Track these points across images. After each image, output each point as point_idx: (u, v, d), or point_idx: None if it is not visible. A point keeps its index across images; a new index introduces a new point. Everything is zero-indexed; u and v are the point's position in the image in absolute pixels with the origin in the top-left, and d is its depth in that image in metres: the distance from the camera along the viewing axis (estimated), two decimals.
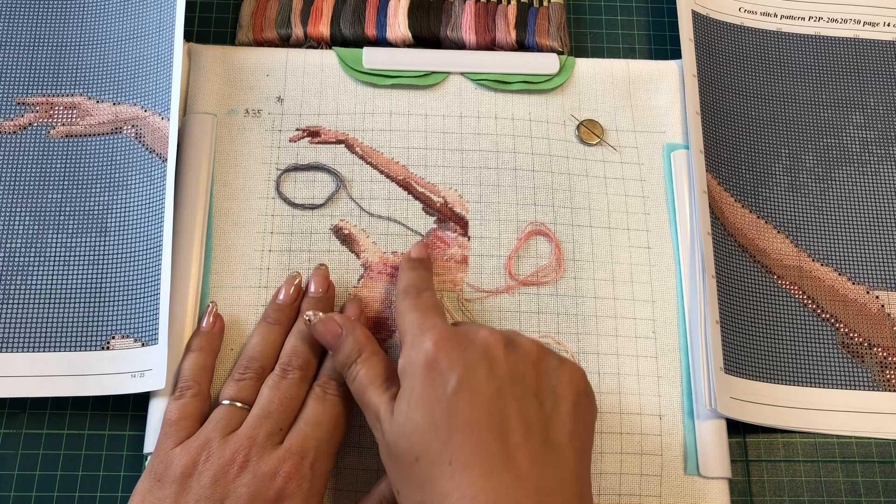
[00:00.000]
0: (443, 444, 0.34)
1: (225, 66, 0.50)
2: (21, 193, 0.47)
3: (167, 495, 0.37)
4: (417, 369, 0.36)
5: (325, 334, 0.40)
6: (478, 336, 0.37)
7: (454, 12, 0.52)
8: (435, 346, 0.36)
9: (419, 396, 0.35)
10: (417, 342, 0.37)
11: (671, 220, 0.49)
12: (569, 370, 0.38)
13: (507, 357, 0.37)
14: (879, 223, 0.51)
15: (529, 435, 0.35)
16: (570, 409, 0.36)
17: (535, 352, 0.38)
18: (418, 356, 0.37)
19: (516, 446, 0.34)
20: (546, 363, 0.38)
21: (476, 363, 0.36)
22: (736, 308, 0.47)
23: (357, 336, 0.40)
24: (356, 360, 0.39)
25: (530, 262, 0.47)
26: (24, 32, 0.50)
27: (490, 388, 0.35)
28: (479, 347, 0.37)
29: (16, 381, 0.43)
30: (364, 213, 0.47)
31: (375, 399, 0.38)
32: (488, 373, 0.36)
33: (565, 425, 0.36)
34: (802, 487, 0.45)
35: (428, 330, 0.37)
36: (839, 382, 0.47)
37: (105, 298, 0.45)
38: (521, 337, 0.39)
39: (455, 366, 0.36)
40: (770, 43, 0.55)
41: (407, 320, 0.39)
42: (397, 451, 0.36)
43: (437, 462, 0.34)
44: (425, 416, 0.35)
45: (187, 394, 0.41)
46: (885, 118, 0.53)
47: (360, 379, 0.39)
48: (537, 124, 0.50)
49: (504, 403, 0.35)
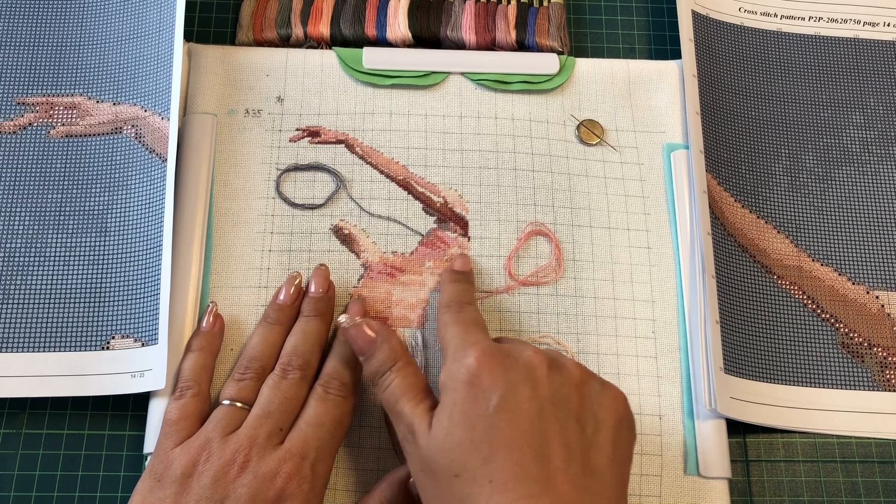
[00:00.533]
0: (483, 463, 0.34)
1: (225, 66, 0.50)
2: (21, 193, 0.47)
3: (167, 495, 0.37)
4: (459, 385, 0.36)
5: (359, 340, 0.40)
6: (522, 355, 0.37)
7: (454, 12, 0.52)
8: (478, 362, 0.36)
9: (462, 412, 0.35)
10: (460, 357, 0.37)
11: (671, 220, 0.49)
12: (611, 395, 0.37)
13: (550, 378, 0.36)
14: (879, 223, 0.51)
15: (570, 459, 0.34)
16: (611, 435, 0.36)
17: (579, 375, 0.37)
18: (460, 371, 0.36)
19: (557, 470, 0.34)
20: (589, 387, 0.37)
21: (519, 382, 0.36)
22: (736, 308, 0.47)
23: (393, 344, 0.39)
24: (391, 369, 0.39)
25: (530, 262, 0.47)
26: (24, 32, 0.50)
27: (532, 409, 0.35)
28: (522, 367, 0.36)
29: (16, 381, 0.43)
30: (364, 213, 0.47)
31: (409, 410, 0.37)
32: (531, 393, 0.35)
33: (606, 451, 0.35)
34: (802, 487, 0.45)
35: (471, 345, 0.37)
36: (839, 382, 0.47)
37: (105, 298, 0.45)
38: (564, 359, 0.38)
39: (498, 384, 0.35)
40: (770, 43, 0.55)
41: (450, 333, 0.39)
42: (435, 466, 0.35)
43: (476, 480, 0.34)
44: (466, 432, 0.34)
45: (187, 394, 0.41)
46: (885, 118, 0.53)
47: (394, 389, 0.38)
48: (537, 124, 0.50)
49: (546, 425, 0.35)
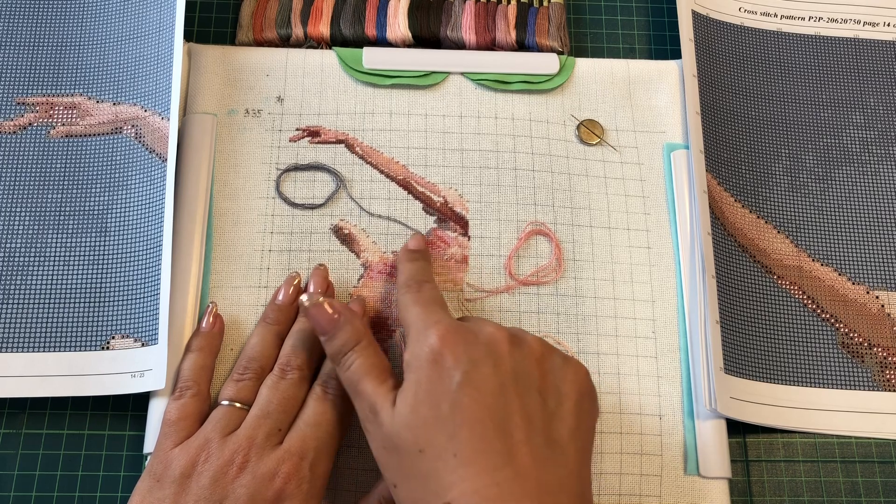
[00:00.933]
0: (448, 438, 0.34)
1: (225, 66, 0.50)
2: (21, 193, 0.47)
3: (166, 496, 0.37)
4: (423, 363, 0.36)
5: (321, 320, 0.39)
6: (483, 332, 0.37)
7: (454, 12, 0.52)
8: (441, 340, 0.36)
9: (426, 390, 0.36)
10: (422, 337, 0.37)
11: (671, 220, 0.48)
12: (573, 369, 0.38)
13: (511, 354, 0.37)
14: (879, 223, 0.50)
15: (532, 432, 0.35)
16: (573, 408, 0.37)
17: (540, 349, 0.38)
18: (423, 350, 0.37)
19: (519, 443, 0.34)
20: (550, 361, 0.38)
21: (481, 359, 0.36)
22: (736, 308, 0.47)
23: (355, 325, 0.39)
24: (353, 349, 0.39)
25: (530, 261, 0.47)
26: (24, 32, 0.50)
27: (494, 384, 0.36)
28: (484, 343, 0.37)
29: (16, 381, 0.43)
30: (364, 213, 0.47)
31: (371, 389, 0.37)
32: (493, 369, 0.36)
33: (567, 424, 0.36)
34: (802, 487, 0.45)
35: (433, 325, 0.37)
36: (839, 382, 0.47)
37: (105, 298, 0.45)
38: (526, 334, 0.39)
39: (460, 361, 0.36)
40: (770, 43, 0.55)
41: (411, 314, 0.39)
42: (399, 442, 0.35)
43: (441, 455, 0.34)
44: (431, 409, 0.35)
45: (187, 394, 0.41)
46: (885, 118, 0.53)
47: (356, 369, 0.38)
48: (537, 124, 0.50)
49: (508, 400, 0.35)
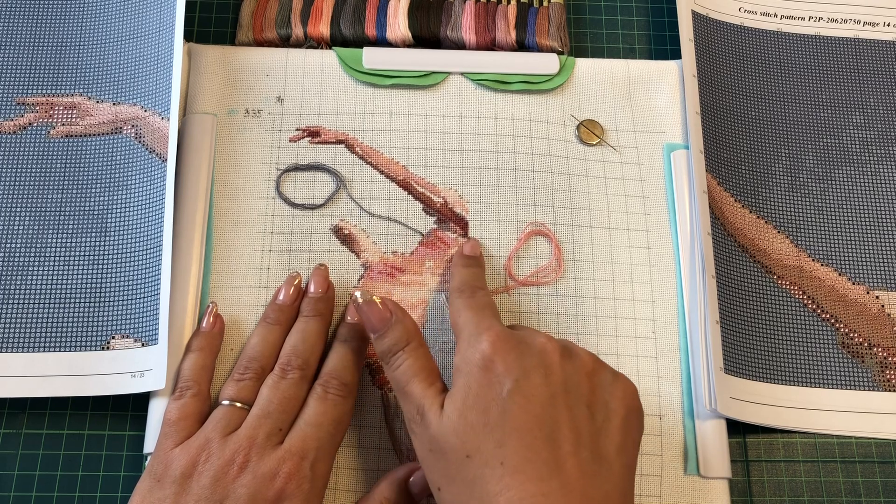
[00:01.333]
0: (496, 445, 0.34)
1: (225, 66, 0.50)
2: (21, 193, 0.47)
3: (167, 496, 0.37)
4: (474, 369, 0.36)
5: (372, 317, 0.40)
6: (535, 341, 0.37)
7: (454, 12, 0.52)
8: (492, 347, 0.36)
9: (476, 395, 0.36)
10: (474, 342, 0.37)
11: (671, 220, 0.48)
12: (622, 385, 0.38)
13: (562, 365, 0.37)
14: (879, 223, 0.51)
15: (579, 445, 0.35)
16: (621, 424, 0.36)
17: (591, 364, 0.38)
18: (475, 356, 0.37)
19: (566, 455, 0.34)
20: (600, 376, 0.38)
21: (532, 368, 0.36)
22: (736, 308, 0.47)
23: (407, 325, 0.39)
24: (403, 349, 0.39)
25: (530, 262, 0.47)
26: (24, 32, 0.50)
27: (544, 395, 0.35)
28: (535, 353, 0.37)
29: (16, 381, 0.43)
30: (364, 213, 0.47)
31: (420, 391, 0.37)
32: (543, 379, 0.36)
33: (614, 439, 0.36)
34: (802, 487, 0.45)
35: (485, 330, 0.37)
36: (839, 382, 0.47)
37: (105, 298, 0.45)
38: (577, 347, 0.39)
39: (511, 369, 0.36)
40: (770, 43, 0.55)
41: (463, 318, 0.39)
42: (446, 447, 0.35)
43: (488, 462, 0.34)
44: (480, 415, 0.35)
45: (187, 394, 0.41)
46: (885, 118, 0.53)
47: (406, 369, 0.38)
48: (537, 124, 0.50)
49: (557, 411, 0.35)
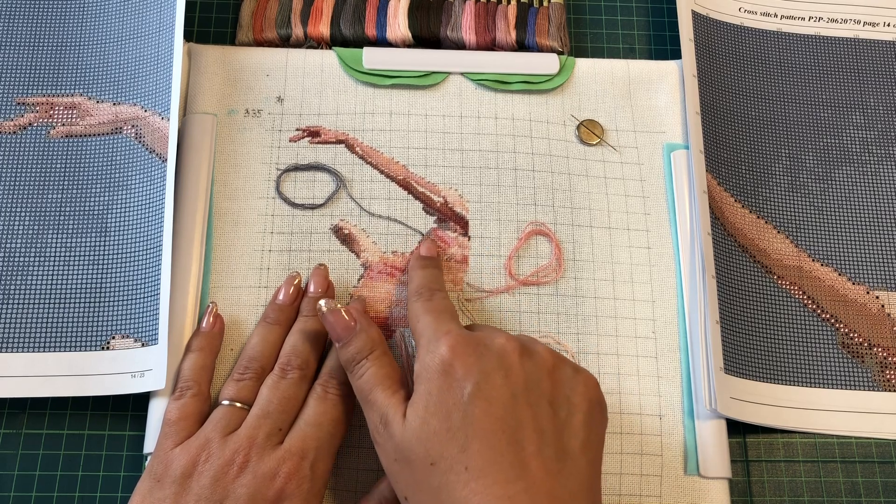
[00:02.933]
0: (459, 450, 0.34)
1: (225, 66, 0.50)
2: (21, 193, 0.47)
3: (167, 496, 0.37)
4: (434, 374, 0.36)
5: (337, 326, 0.40)
6: (494, 342, 0.37)
7: (454, 12, 0.52)
8: (451, 351, 0.36)
9: (436, 402, 0.35)
10: (433, 347, 0.37)
11: (671, 220, 0.48)
12: (583, 380, 0.38)
13: (522, 364, 0.37)
14: (879, 223, 0.51)
15: (543, 443, 0.35)
16: (584, 419, 0.36)
17: (551, 360, 0.38)
18: (434, 361, 0.36)
19: (530, 455, 0.34)
20: (561, 372, 0.38)
21: (492, 370, 0.36)
22: (736, 308, 0.47)
23: (370, 333, 0.40)
24: (366, 357, 0.39)
25: (530, 262, 0.47)
26: (24, 32, 0.50)
27: (505, 396, 0.35)
28: (495, 354, 0.37)
29: (16, 381, 0.43)
30: (364, 213, 0.47)
31: (382, 400, 0.37)
32: (504, 380, 0.36)
33: (578, 435, 0.36)
34: (802, 487, 0.45)
35: (443, 335, 0.37)
36: (839, 382, 0.47)
37: (105, 298, 0.45)
38: (537, 344, 0.39)
39: (471, 372, 0.36)
40: (770, 43, 0.55)
41: (421, 323, 0.39)
42: (410, 455, 0.35)
43: (453, 468, 0.34)
44: (442, 421, 0.35)
45: (187, 394, 0.41)
46: (885, 118, 0.53)
47: (368, 377, 0.38)
48: (537, 124, 0.50)
49: (519, 411, 0.35)
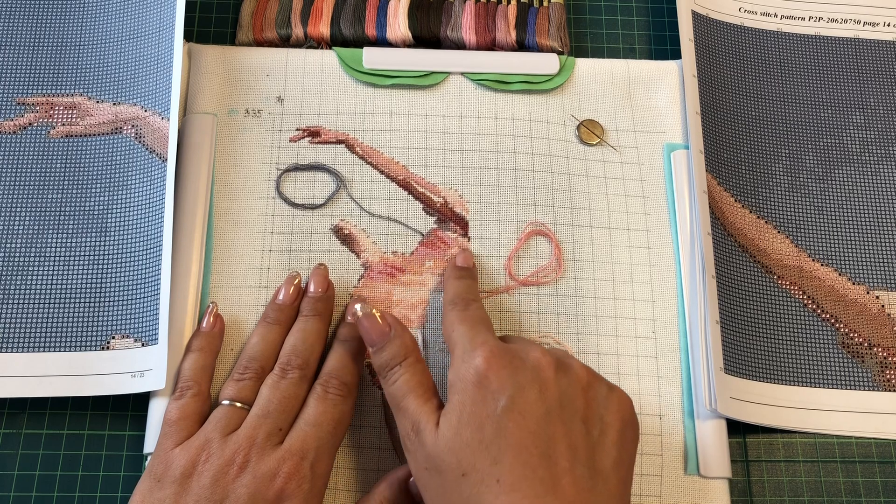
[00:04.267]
0: (491, 463, 0.34)
1: (225, 66, 0.50)
2: (21, 193, 0.47)
3: (167, 496, 0.37)
4: (468, 385, 0.36)
5: (372, 331, 0.40)
6: (529, 356, 0.37)
7: (454, 12, 0.52)
8: (486, 363, 0.36)
9: (471, 412, 0.35)
10: (468, 357, 0.37)
11: (671, 220, 0.48)
12: (617, 398, 0.38)
13: (557, 380, 0.37)
14: (879, 223, 0.51)
15: (576, 461, 0.35)
16: (617, 438, 0.36)
17: (586, 377, 0.38)
18: (469, 372, 0.36)
19: (563, 471, 0.34)
20: (595, 390, 0.37)
21: (527, 384, 0.36)
22: (736, 308, 0.47)
23: (405, 339, 0.39)
24: (400, 364, 0.39)
25: (530, 262, 0.47)
26: (24, 32, 0.50)
27: (539, 410, 0.35)
28: (530, 368, 0.37)
29: (16, 381, 0.43)
30: (364, 213, 0.47)
31: (415, 407, 0.37)
32: (538, 395, 0.36)
33: (610, 454, 0.36)
34: (802, 487, 0.45)
35: (479, 346, 0.37)
36: (839, 382, 0.47)
37: (105, 298, 0.45)
38: (572, 360, 0.38)
39: (506, 385, 0.36)
40: (770, 43, 0.55)
41: (457, 332, 0.39)
42: (442, 464, 0.35)
43: (484, 480, 0.34)
44: (475, 433, 0.35)
45: (187, 394, 0.41)
46: (885, 118, 0.53)
47: (402, 384, 0.38)
48: (537, 124, 0.50)
49: (552, 427, 0.35)
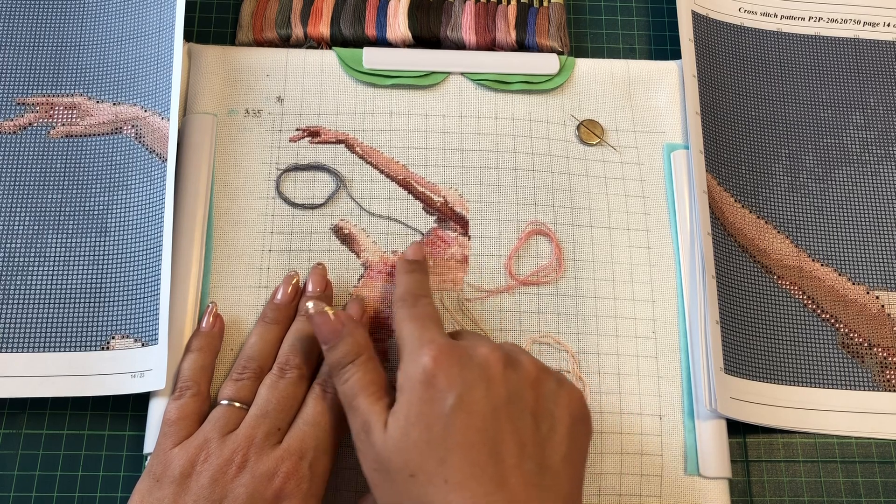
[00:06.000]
0: (439, 463, 0.34)
1: (225, 66, 0.50)
2: (21, 193, 0.47)
3: (166, 495, 0.37)
4: (416, 385, 0.36)
5: (323, 328, 0.39)
6: (477, 353, 0.37)
7: (454, 12, 0.52)
8: (434, 361, 0.36)
9: (417, 413, 0.35)
10: (416, 356, 0.37)
11: (671, 220, 0.48)
12: (567, 393, 0.37)
13: (505, 376, 0.36)
14: (879, 223, 0.51)
15: (524, 457, 0.35)
16: (566, 433, 0.36)
17: (535, 372, 0.37)
18: (416, 371, 0.36)
19: (511, 468, 0.34)
20: (545, 385, 0.37)
21: (474, 382, 0.36)
22: (736, 308, 0.47)
23: (357, 338, 0.39)
24: (352, 362, 0.38)
25: (530, 261, 0.47)
26: (24, 32, 0.50)
27: (487, 408, 0.35)
28: (477, 365, 0.36)
29: (16, 381, 0.43)
30: (364, 213, 0.47)
31: (366, 407, 0.37)
32: (486, 392, 0.35)
33: (560, 449, 0.36)
34: (802, 487, 0.45)
35: (426, 344, 0.37)
36: (839, 382, 0.47)
37: (105, 298, 0.45)
38: (522, 355, 0.38)
39: (453, 384, 0.35)
40: (770, 43, 0.55)
41: (405, 331, 0.39)
42: (390, 465, 0.35)
43: (432, 480, 0.34)
44: (423, 433, 0.35)
45: (186, 394, 0.41)
46: (885, 118, 0.53)
47: (353, 383, 0.38)
48: (537, 124, 0.50)
49: (500, 424, 0.35)
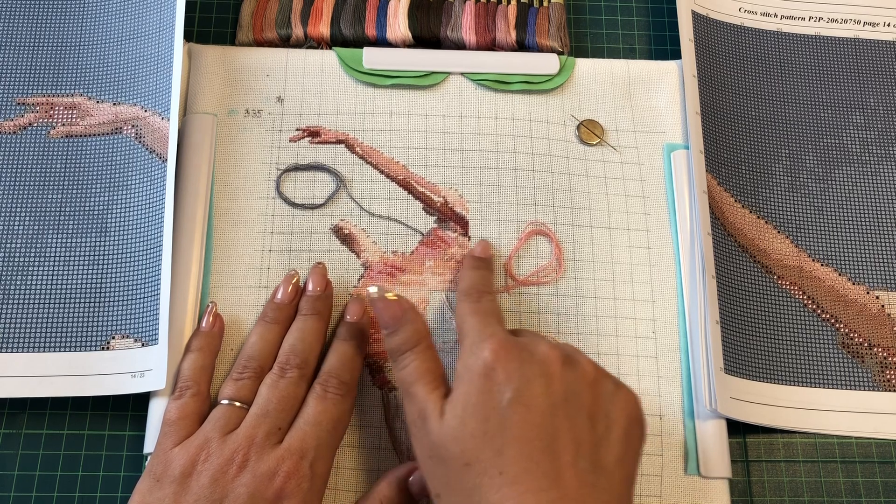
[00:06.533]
0: (495, 455, 0.34)
1: (225, 66, 0.50)
2: (21, 193, 0.47)
3: (166, 495, 0.37)
4: (475, 376, 0.36)
5: (385, 313, 0.40)
6: (537, 350, 0.37)
7: (454, 12, 0.52)
8: (494, 355, 0.36)
9: (475, 403, 0.35)
10: (476, 349, 0.37)
11: (671, 220, 0.48)
12: (624, 395, 0.38)
13: (563, 375, 0.37)
14: (879, 223, 0.51)
15: (579, 455, 0.35)
16: (622, 435, 0.36)
17: (593, 373, 0.38)
18: (476, 363, 0.37)
19: (565, 465, 0.34)
20: (602, 386, 0.37)
21: (533, 377, 0.36)
22: (736, 308, 0.47)
23: (417, 325, 0.40)
24: (411, 349, 0.39)
25: (530, 261, 0.47)
26: (24, 32, 0.50)
27: (544, 404, 0.35)
28: (537, 362, 0.37)
29: (16, 381, 0.43)
30: (364, 213, 0.47)
31: (423, 394, 0.37)
32: (544, 388, 0.36)
33: (614, 450, 0.36)
34: (802, 487, 0.45)
35: (488, 337, 0.37)
36: (839, 382, 0.47)
37: (105, 298, 0.45)
38: (579, 355, 0.38)
39: (512, 378, 0.36)
40: (770, 43, 0.55)
41: (467, 324, 0.39)
42: (445, 453, 0.35)
43: (487, 471, 0.34)
44: (480, 423, 0.35)
45: (186, 394, 0.41)
46: (885, 118, 0.53)
47: (412, 370, 0.38)
48: (537, 124, 0.50)
49: (557, 421, 0.35)
